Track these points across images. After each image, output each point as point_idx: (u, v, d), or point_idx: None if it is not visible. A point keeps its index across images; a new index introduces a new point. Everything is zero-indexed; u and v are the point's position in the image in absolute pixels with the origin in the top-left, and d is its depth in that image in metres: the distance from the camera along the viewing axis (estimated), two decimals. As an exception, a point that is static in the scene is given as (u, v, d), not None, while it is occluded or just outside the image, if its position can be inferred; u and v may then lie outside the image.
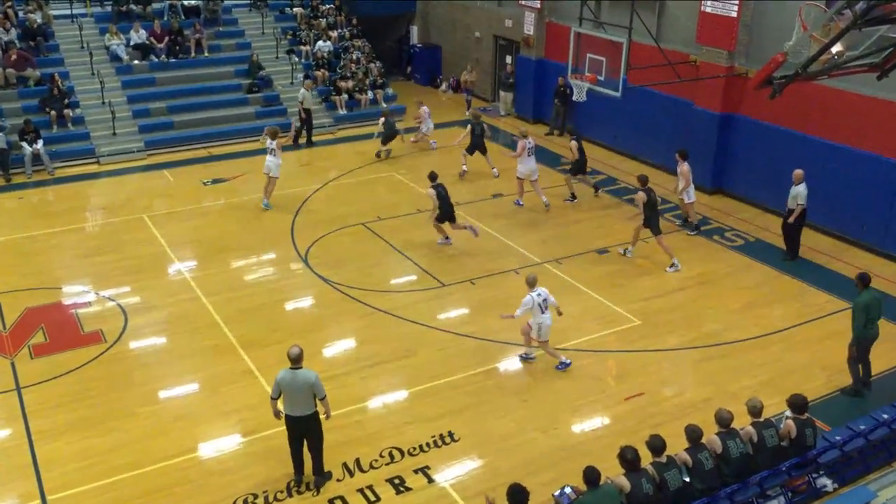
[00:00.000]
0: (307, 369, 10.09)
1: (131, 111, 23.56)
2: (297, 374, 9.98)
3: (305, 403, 10.08)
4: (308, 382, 9.98)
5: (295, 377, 9.97)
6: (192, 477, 10.67)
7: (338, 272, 15.99)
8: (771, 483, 9.55)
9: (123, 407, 11.97)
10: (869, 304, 11.93)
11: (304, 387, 9.98)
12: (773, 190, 18.79)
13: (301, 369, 10.01)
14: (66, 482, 10.53)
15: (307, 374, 10.00)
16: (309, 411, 10.15)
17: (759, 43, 18.58)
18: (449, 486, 10.56)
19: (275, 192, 19.45)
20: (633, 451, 8.97)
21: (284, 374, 10.00)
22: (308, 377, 9.98)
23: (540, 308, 12.55)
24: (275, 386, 10.11)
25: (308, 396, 10.06)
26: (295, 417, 10.16)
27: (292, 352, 10.02)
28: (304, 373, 10.00)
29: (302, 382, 9.96)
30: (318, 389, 10.05)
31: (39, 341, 13.72)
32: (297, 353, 10.02)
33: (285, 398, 10.10)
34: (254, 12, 27.87)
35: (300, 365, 10.03)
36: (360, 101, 26.03)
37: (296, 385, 9.97)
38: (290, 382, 9.98)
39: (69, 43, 24.82)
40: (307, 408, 10.11)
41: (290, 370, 10.00)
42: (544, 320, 12.61)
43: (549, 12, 24.65)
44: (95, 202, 20.10)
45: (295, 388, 9.98)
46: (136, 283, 15.64)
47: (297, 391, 10.00)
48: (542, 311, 12.58)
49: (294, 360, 9.99)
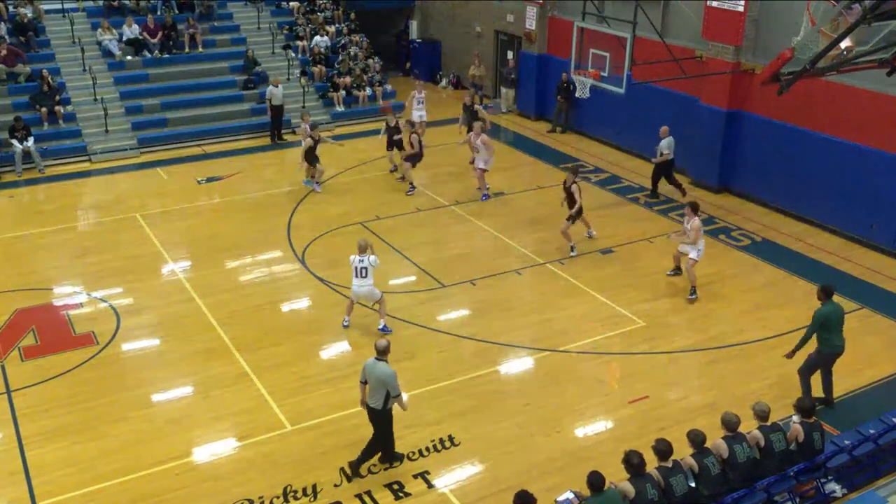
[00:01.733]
0: (387, 364, 10.30)
1: (124, 108, 23.57)
2: (376, 364, 10.30)
3: (377, 396, 10.37)
4: (381, 377, 10.25)
5: (374, 367, 10.31)
6: (185, 483, 10.65)
7: (335, 273, 15.98)
8: (778, 488, 9.55)
9: (115, 411, 11.96)
10: (828, 317, 11.59)
11: (378, 379, 10.27)
12: (780, 188, 18.80)
13: (382, 362, 10.30)
14: (57, 488, 10.51)
15: (383, 369, 10.28)
16: (378, 405, 10.40)
17: (766, 38, 18.58)
18: (449, 491, 10.55)
19: (272, 190, 19.47)
20: (638, 456, 8.95)
21: (368, 362, 10.43)
22: (383, 371, 10.27)
23: (355, 272, 13.53)
24: (362, 370, 10.48)
25: (380, 390, 10.32)
26: (368, 406, 10.52)
27: (380, 344, 10.39)
28: (381, 366, 10.30)
29: (378, 374, 10.26)
30: (390, 387, 10.29)
31: (30, 343, 13.72)
32: (383, 346, 10.38)
33: (369, 386, 10.44)
34: (249, 7, 27.88)
35: (384, 358, 10.32)
36: (358, 98, 26.03)
37: (373, 375, 10.32)
38: (369, 371, 10.37)
39: (60, 38, 24.83)
40: (377, 401, 10.38)
41: (374, 359, 10.37)
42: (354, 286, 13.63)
43: (552, 7, 24.65)
44: (87, 201, 20.10)
45: (372, 377, 10.33)
46: (129, 283, 15.64)
47: (373, 382, 10.33)
48: (355, 276, 13.56)
49: (379, 352, 10.35)
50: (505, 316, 14.62)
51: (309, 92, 25.56)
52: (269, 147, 23.47)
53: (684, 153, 20.84)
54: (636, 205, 19.45)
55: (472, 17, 28.31)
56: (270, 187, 20.55)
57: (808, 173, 18.15)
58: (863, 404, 12.15)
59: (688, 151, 20.67)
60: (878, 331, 14.16)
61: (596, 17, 19.94)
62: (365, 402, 10.61)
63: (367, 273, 13.55)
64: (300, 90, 25.44)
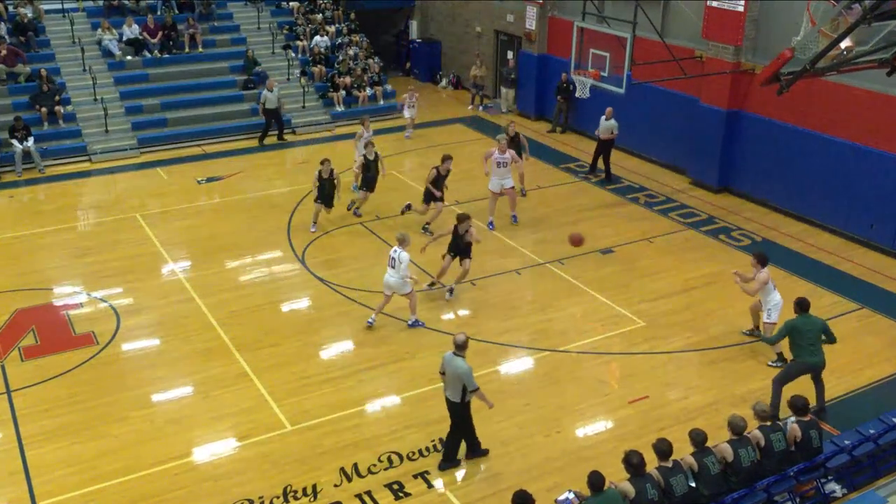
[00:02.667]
0: (463, 360, 10.42)
1: (124, 108, 23.57)
2: (454, 359, 10.43)
3: (454, 389, 10.53)
4: (457, 371, 10.38)
5: (451, 361, 10.45)
6: (185, 483, 10.66)
7: (335, 272, 15.99)
8: (778, 489, 9.55)
9: (115, 411, 11.97)
10: (796, 329, 11.48)
11: (454, 373, 10.42)
12: (780, 188, 18.81)
13: (459, 357, 10.42)
14: (57, 488, 10.52)
15: (460, 364, 10.40)
16: (456, 398, 10.56)
17: (766, 38, 18.59)
18: (449, 491, 10.55)
19: (272, 190, 19.45)
20: (638, 456, 8.95)
21: (447, 356, 10.57)
22: (459, 366, 10.39)
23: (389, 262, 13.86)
24: (441, 363, 10.64)
25: (457, 384, 10.47)
26: (447, 400, 10.70)
27: (458, 338, 10.52)
28: (458, 361, 10.42)
29: (454, 368, 10.41)
30: (467, 382, 10.41)
31: (30, 343, 13.72)
32: (461, 340, 10.49)
33: (445, 382, 10.64)
34: (249, 7, 27.88)
35: (462, 353, 10.43)
36: (358, 98, 26.03)
37: (449, 369, 10.48)
38: (447, 363, 10.53)
39: (60, 38, 24.83)
40: (455, 394, 10.54)
41: (451, 353, 10.51)
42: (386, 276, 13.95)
43: (552, 7, 24.65)
44: (87, 201, 20.10)
45: (449, 370, 10.49)
46: (129, 283, 15.64)
47: (450, 375, 10.49)
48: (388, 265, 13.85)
49: (457, 346, 10.47)
50: (505, 316, 14.62)
51: (309, 92, 25.56)
52: (268, 147, 23.44)
53: (684, 153, 20.90)
54: (636, 205, 19.45)
55: (472, 17, 28.31)
56: (270, 187, 20.54)
57: (808, 173, 18.16)
58: (863, 404, 12.16)
59: (688, 151, 20.71)
60: (878, 331, 14.17)
61: (596, 17, 19.95)
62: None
63: (396, 264, 13.70)
64: (300, 90, 25.44)
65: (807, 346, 11.53)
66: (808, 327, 11.55)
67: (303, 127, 24.71)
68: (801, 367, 11.69)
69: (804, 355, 11.57)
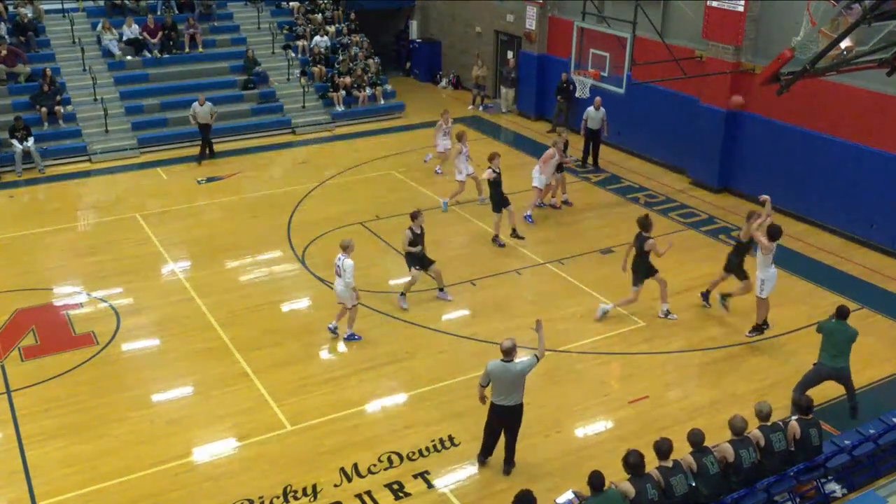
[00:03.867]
0: (518, 360, 10.28)
1: (124, 108, 23.56)
2: (508, 366, 10.21)
3: (516, 393, 10.36)
4: (523, 373, 10.27)
5: (507, 369, 10.21)
6: (185, 483, 10.65)
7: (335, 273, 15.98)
8: (778, 488, 9.54)
9: (115, 411, 11.96)
10: (826, 331, 11.61)
11: (518, 378, 10.26)
12: (780, 188, 18.76)
13: (512, 362, 10.23)
14: (57, 488, 10.52)
15: (523, 365, 10.27)
16: (519, 401, 10.42)
17: (766, 38, 18.59)
18: (449, 491, 10.55)
19: (272, 190, 19.46)
20: (636, 455, 8.96)
21: (497, 365, 10.26)
22: (523, 368, 10.27)
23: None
24: (484, 374, 10.37)
25: (520, 387, 10.34)
26: (505, 407, 10.39)
27: (505, 345, 10.28)
28: (519, 364, 10.25)
29: (515, 374, 10.23)
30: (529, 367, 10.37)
31: (30, 343, 13.72)
32: (509, 346, 10.26)
33: (494, 388, 10.35)
34: (249, 7, 27.88)
35: (512, 358, 10.23)
36: (358, 98, 26.02)
37: (508, 376, 10.23)
38: (501, 373, 10.24)
39: (60, 38, 24.81)
40: (518, 398, 10.38)
41: (501, 362, 10.24)
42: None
43: (552, 7, 24.65)
44: (87, 201, 20.10)
45: (507, 379, 10.24)
46: (129, 283, 15.64)
47: (510, 382, 10.25)
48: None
49: (506, 353, 10.24)
50: (505, 316, 14.62)
51: (309, 92, 25.55)
52: (267, 147, 23.43)
53: (684, 153, 20.89)
54: (636, 204, 19.43)
55: (473, 17, 28.31)
56: (270, 187, 20.55)
57: (808, 173, 18.16)
58: (863, 404, 12.11)
59: (688, 151, 20.70)
60: (878, 331, 14.15)
61: (596, 17, 19.93)
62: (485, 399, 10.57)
63: (340, 272, 13.40)
64: (300, 90, 25.44)
65: (831, 350, 11.58)
66: (840, 335, 11.62)
67: (303, 127, 24.72)
68: (821, 370, 11.68)
69: (826, 358, 11.62)
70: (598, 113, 20.94)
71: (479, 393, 10.65)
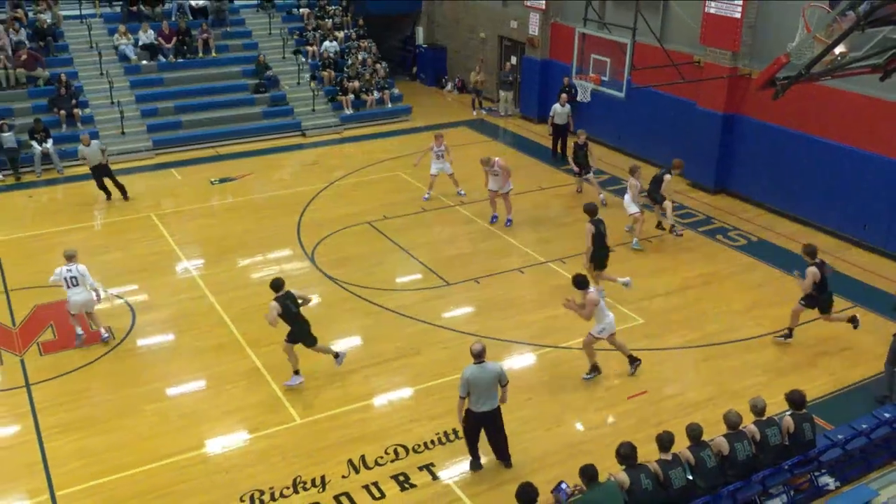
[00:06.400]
0: (491, 362, 10.18)
1: (140, 111, 23.59)
2: (483, 367, 10.07)
3: (493, 397, 10.21)
4: (494, 373, 10.11)
5: (483, 370, 10.06)
6: (197, 474, 10.66)
7: (344, 271, 15.98)
8: (773, 481, 9.53)
9: (130, 404, 11.98)
10: None
11: (492, 379, 10.11)
12: (776, 190, 18.75)
13: (484, 363, 10.10)
14: (74, 478, 10.55)
15: (493, 366, 10.15)
16: (496, 404, 10.27)
17: (762, 44, 18.51)
18: (453, 483, 10.54)
19: (282, 191, 19.42)
20: (627, 447, 9.03)
21: (473, 370, 10.06)
22: (493, 368, 10.14)
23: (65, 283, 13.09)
24: (463, 384, 10.09)
25: (495, 389, 10.20)
26: (483, 413, 10.21)
27: (475, 348, 10.13)
28: (489, 365, 10.12)
29: (489, 373, 10.08)
30: (503, 377, 10.22)
31: (48, 338, 13.75)
32: (479, 349, 10.12)
33: (473, 394, 10.13)
34: (261, 13, 27.91)
35: (483, 359, 10.11)
36: (366, 102, 26.02)
37: (483, 379, 10.06)
38: (475, 378, 10.05)
39: (78, 43, 24.88)
40: (494, 401, 10.23)
41: (476, 365, 10.08)
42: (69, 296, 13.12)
43: (554, 13, 24.59)
44: (104, 201, 20.11)
45: (484, 381, 10.07)
46: (144, 281, 15.66)
47: (486, 385, 10.09)
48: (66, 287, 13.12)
49: (478, 356, 10.09)
50: (508, 313, 14.60)
51: (318, 95, 25.56)
52: (278, 149, 23.44)
53: (682, 155, 20.71)
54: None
55: (477, 23, 28.27)
56: (281, 188, 20.57)
57: (802, 175, 18.09)
58: (855, 400, 12.11)
59: (685, 154, 20.55)
60: (871, 329, 14.08)
61: (597, 23, 19.89)
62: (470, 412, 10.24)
63: (79, 282, 13.12)
64: (310, 94, 25.44)
65: None
66: None
67: (312, 129, 24.72)
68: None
69: None
70: (563, 109, 21.72)
71: (459, 408, 10.29)
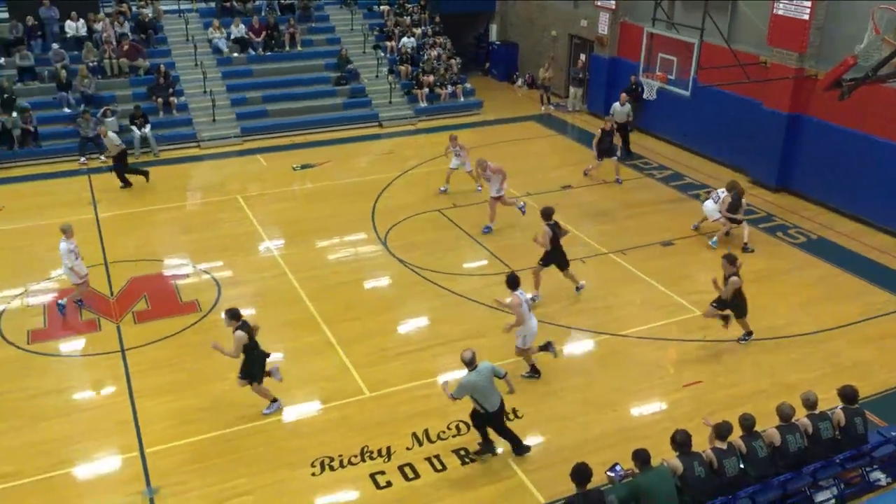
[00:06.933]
0: (481, 362, 10.09)
1: (230, 100, 24.08)
2: (478, 371, 9.98)
3: (496, 391, 10.15)
4: (490, 371, 10.06)
5: (479, 374, 9.97)
6: (272, 439, 10.92)
7: (414, 255, 16.09)
8: (824, 474, 9.31)
9: (214, 372, 12.28)
10: None
11: (489, 378, 10.06)
12: (837, 189, 18.17)
13: (477, 367, 9.99)
14: (163, 437, 10.91)
15: (485, 365, 10.07)
16: (500, 399, 10.22)
17: (830, 45, 17.91)
18: (511, 460, 10.56)
19: (359, 178, 19.62)
20: (682, 434, 8.89)
21: (471, 378, 9.95)
22: (488, 367, 10.07)
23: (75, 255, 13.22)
24: (461, 389, 10.02)
25: (495, 389, 10.14)
26: (494, 412, 10.17)
27: (465, 356, 9.99)
28: (482, 365, 10.03)
29: (486, 375, 10.02)
30: (498, 371, 10.18)
31: (142, 308, 14.19)
32: (470, 357, 9.98)
33: (481, 397, 10.04)
34: (344, 9, 28.15)
35: (475, 365, 9.98)
36: (440, 95, 26.07)
37: (483, 380, 9.99)
38: (477, 381, 9.95)
39: (176, 36, 25.51)
40: (496, 400, 10.15)
41: (474, 372, 9.96)
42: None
43: (624, 13, 24.21)
44: (195, 183, 20.65)
45: (483, 383, 10.00)
46: (230, 258, 16.03)
47: (487, 385, 10.03)
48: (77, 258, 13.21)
49: (470, 363, 9.97)
50: (569, 300, 14.50)
51: (395, 88, 25.70)
52: (356, 139, 23.65)
53: (745, 154, 20.34)
54: (697, 201, 18.99)
55: (549, 22, 28.01)
56: (358, 175, 20.78)
57: (863, 175, 17.49)
58: (910, 398, 11.73)
59: (749, 152, 20.14)
60: (930, 329, 13.61)
61: (665, 22, 19.53)
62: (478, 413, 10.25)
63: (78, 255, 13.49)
64: (388, 87, 25.60)
65: None
66: None
67: (389, 120, 24.89)
68: None
69: None
70: (623, 108, 21.09)
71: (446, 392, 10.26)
